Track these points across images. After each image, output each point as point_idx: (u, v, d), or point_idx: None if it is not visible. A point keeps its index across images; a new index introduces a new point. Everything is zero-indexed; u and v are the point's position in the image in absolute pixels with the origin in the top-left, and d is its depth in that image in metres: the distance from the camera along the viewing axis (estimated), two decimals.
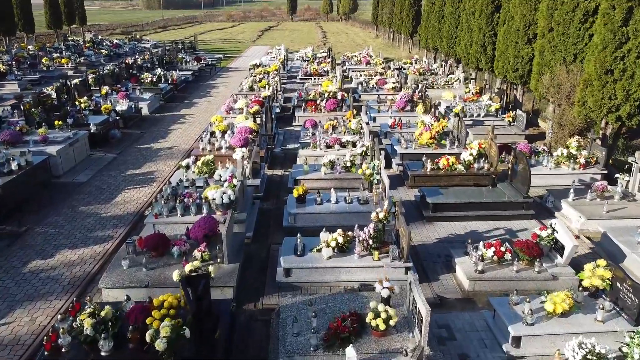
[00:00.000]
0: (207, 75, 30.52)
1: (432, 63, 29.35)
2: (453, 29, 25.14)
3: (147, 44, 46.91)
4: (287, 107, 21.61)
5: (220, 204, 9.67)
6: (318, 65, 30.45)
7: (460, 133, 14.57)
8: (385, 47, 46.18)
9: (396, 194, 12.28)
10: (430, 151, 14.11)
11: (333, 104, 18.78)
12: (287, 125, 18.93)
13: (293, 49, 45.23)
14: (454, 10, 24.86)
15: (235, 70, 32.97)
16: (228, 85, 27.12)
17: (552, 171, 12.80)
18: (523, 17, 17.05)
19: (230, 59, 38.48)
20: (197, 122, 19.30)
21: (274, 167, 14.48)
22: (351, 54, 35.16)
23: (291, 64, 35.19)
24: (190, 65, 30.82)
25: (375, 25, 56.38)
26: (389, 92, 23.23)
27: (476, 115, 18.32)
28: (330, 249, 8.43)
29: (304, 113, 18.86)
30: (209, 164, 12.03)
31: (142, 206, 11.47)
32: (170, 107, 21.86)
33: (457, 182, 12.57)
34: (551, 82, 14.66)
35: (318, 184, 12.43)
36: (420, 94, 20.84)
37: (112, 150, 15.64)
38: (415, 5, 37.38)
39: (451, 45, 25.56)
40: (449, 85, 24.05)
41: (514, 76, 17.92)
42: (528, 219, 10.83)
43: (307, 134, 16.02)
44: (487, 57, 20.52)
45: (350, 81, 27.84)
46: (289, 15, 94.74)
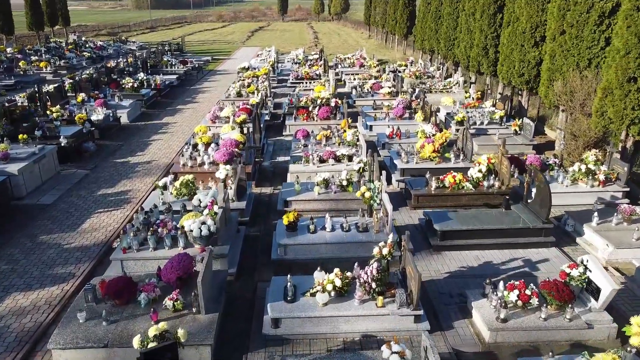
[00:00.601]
0: (193, 79, 29.13)
1: (429, 65, 28.19)
2: (451, 30, 23.97)
3: (132, 45, 45.37)
4: (277, 114, 20.32)
5: (198, 237, 8.37)
6: (310, 68, 29.18)
7: (466, 145, 13.35)
8: (378, 48, 44.99)
9: (398, 216, 11.02)
10: (433, 166, 12.88)
11: (326, 111, 17.51)
12: (277, 135, 17.63)
13: (284, 50, 43.93)
14: (452, 11, 23.69)
15: (224, 73, 31.60)
16: (215, 90, 25.76)
17: (568, 189, 11.61)
18: (530, 19, 15.88)
19: (219, 62, 37.09)
20: (180, 132, 17.94)
21: (263, 184, 13.18)
22: (344, 56, 33.93)
23: (282, 66, 33.89)
24: (175, 68, 29.42)
25: (368, 25, 55.21)
26: (384, 97, 22.01)
27: (479, 123, 17.14)
28: (326, 294, 7.16)
29: (295, 122, 17.57)
30: (188, 184, 10.71)
31: (111, 234, 10.13)
32: (152, 114, 20.47)
33: (464, 202, 11.36)
34: (563, 89, 13.48)
35: (311, 206, 11.16)
36: (419, 100, 19.63)
37: (84, 166, 14.26)
38: (410, 5, 36.21)
39: (449, 47, 24.39)
40: (447, 89, 22.87)
41: (520, 81, 16.75)
42: (548, 246, 9.62)
43: (298, 145, 14.75)
44: (489, 61, 19.34)
45: (344, 85, 26.59)
46: (279, 16, 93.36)
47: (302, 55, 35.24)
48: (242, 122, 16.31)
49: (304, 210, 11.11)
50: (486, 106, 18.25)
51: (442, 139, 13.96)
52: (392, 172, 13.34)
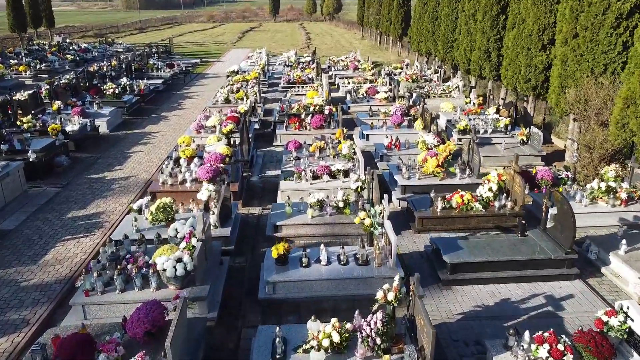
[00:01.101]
0: (180, 83, 27.87)
1: (425, 68, 27.12)
2: (450, 32, 22.91)
3: (119, 47, 43.97)
4: (267, 122, 19.15)
5: (172, 277, 7.20)
6: (302, 71, 28.02)
7: (472, 159, 12.25)
8: (372, 49, 43.92)
9: (400, 241, 9.90)
10: (437, 182, 11.78)
11: (319, 120, 16.36)
12: (267, 145, 16.47)
13: (275, 51, 42.74)
14: (450, 12, 22.62)
15: (212, 77, 30.36)
16: (203, 95, 24.54)
17: (587, 209, 10.54)
18: (537, 20, 14.82)
19: (208, 64, 35.84)
20: (163, 143, 16.71)
21: (251, 202, 12.02)
22: (337, 58, 32.81)
23: (273, 69, 32.70)
24: (162, 72, 28.15)
25: (361, 26, 54.12)
26: (381, 102, 20.92)
27: (482, 132, 16.07)
28: (322, 353, 6.01)
29: (286, 131, 16.41)
30: (165, 208, 9.52)
31: (77, 268, 8.92)
32: (134, 123, 19.22)
33: (474, 225, 10.26)
34: (577, 97, 12.42)
35: (304, 230, 10.01)
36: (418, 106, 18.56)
37: (56, 182, 13.02)
38: (405, 6, 35.14)
39: (447, 49, 23.32)
40: (446, 94, 21.80)
41: (526, 87, 15.69)
42: (571, 279, 8.53)
43: (289, 158, 13.59)
44: (492, 65, 18.28)
45: (337, 89, 25.47)
46: (271, 16, 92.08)
47: (294, 57, 34.08)
48: (229, 132, 15.13)
49: (296, 235, 9.97)
50: (489, 113, 17.19)
51: (445, 152, 12.86)
52: (392, 189, 12.21)
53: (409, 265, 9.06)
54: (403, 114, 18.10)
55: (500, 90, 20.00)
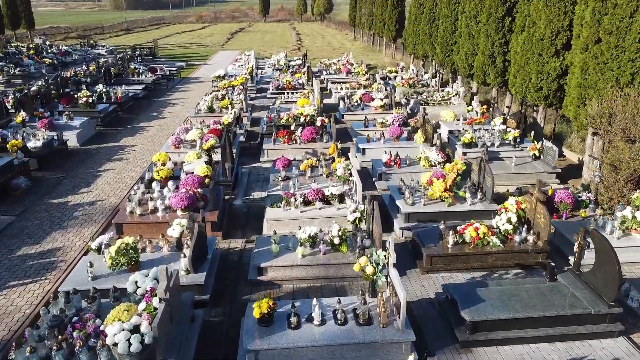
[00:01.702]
0: (163, 89, 26.25)
1: (422, 72, 25.74)
2: (449, 34, 21.52)
3: (101, 49, 42.20)
4: (254, 133, 17.64)
5: (126, 354, 5.69)
6: (292, 75, 26.54)
7: (484, 181, 10.82)
8: (364, 51, 42.52)
9: (406, 283, 8.46)
10: (445, 208, 10.35)
11: (311, 133, 14.88)
12: (253, 161, 14.97)
13: (264, 54, 41.22)
14: (449, 13, 21.23)
15: (198, 81, 28.78)
16: (186, 102, 22.97)
17: (620, 242, 9.15)
18: (549, 23, 13.46)
19: (194, 68, 34.23)
20: (138, 159, 15.15)
21: (233, 233, 10.52)
22: (329, 61, 31.36)
23: (262, 72, 31.20)
24: (143, 77, 26.51)
25: (353, 27, 52.72)
26: (377, 110, 19.49)
27: (489, 145, 14.68)
28: None
29: (274, 145, 14.90)
30: (128, 250, 8.00)
31: (18, 329, 7.38)
32: (108, 135, 17.63)
33: (491, 263, 8.84)
34: (600, 110, 11.05)
35: (293, 273, 8.53)
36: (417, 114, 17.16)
37: (10, 209, 11.44)
38: (399, 6, 33.76)
39: (446, 53, 21.94)
40: (446, 101, 20.41)
41: (537, 96, 14.31)
42: (614, 336, 7.12)
43: (277, 178, 12.13)
44: (497, 71, 16.91)
45: (330, 95, 24.02)
46: (261, 16, 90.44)
47: (284, 60, 32.58)
48: (211, 148, 13.61)
49: (284, 279, 8.49)
50: (495, 124, 15.80)
51: (453, 172, 11.45)
52: (394, 216, 10.76)
53: (418, 316, 7.61)
54: (401, 124, 16.70)
55: (504, 97, 18.65)
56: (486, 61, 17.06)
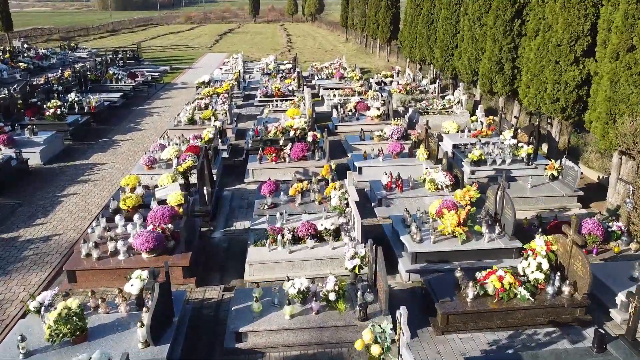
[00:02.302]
0: (143, 96, 24.53)
1: (419, 77, 24.24)
2: (449, 37, 20.03)
3: (82, 52, 40.32)
4: (239, 148, 16.02)
5: None
6: (281, 81, 24.95)
7: (504, 213, 9.29)
8: (357, 53, 41.00)
9: (417, 351, 6.90)
10: (458, 246, 8.82)
11: (301, 149, 13.30)
12: (237, 181, 13.37)
13: (253, 56, 39.58)
14: (450, 15, 19.74)
15: (182, 87, 27.09)
16: (167, 111, 21.32)
17: None
18: (568, 27, 11.99)
19: (178, 72, 32.51)
20: (107, 180, 13.50)
21: (209, 277, 8.92)
22: (320, 65, 29.78)
23: (250, 77, 29.58)
24: (122, 83, 24.77)
25: (345, 28, 51.18)
26: (373, 120, 17.97)
27: (499, 162, 13.20)
28: None
29: (260, 164, 13.31)
30: (70, 317, 6.37)
31: None
32: (77, 151, 15.94)
33: (519, 321, 7.31)
34: (633, 128, 9.58)
35: (280, 338, 6.95)
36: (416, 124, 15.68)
37: None
38: (393, 7, 32.25)
39: (447, 58, 20.45)
40: (447, 110, 18.93)
41: (553, 108, 12.85)
42: None
43: (263, 205, 10.57)
44: (506, 78, 15.42)
45: (322, 102, 22.46)
46: (251, 17, 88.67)
47: (274, 64, 30.98)
48: (188, 169, 11.99)
49: (268, 346, 6.92)
50: (505, 137, 14.31)
51: (465, 199, 9.94)
52: (398, 254, 9.21)
53: None
54: (401, 137, 15.20)
55: (512, 107, 17.19)
56: (493, 68, 15.57)
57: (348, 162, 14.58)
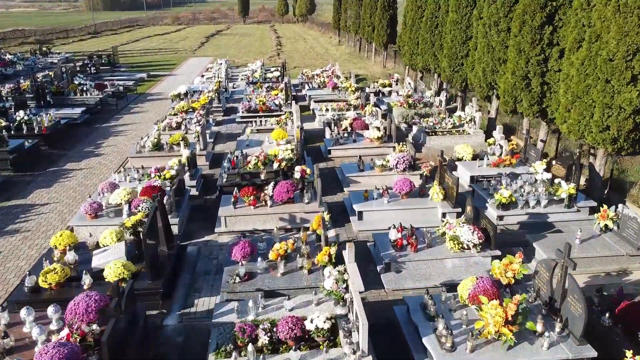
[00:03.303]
0: (111, 110, 21.73)
1: (422, 87, 21.64)
2: (458, 45, 17.43)
3: (55, 57, 37.33)
4: (213, 180, 13.30)
5: None
6: (268, 91, 22.29)
7: (569, 305, 6.63)
8: (351, 58, 38.38)
9: None
10: (506, 354, 6.18)
11: (287, 190, 10.61)
12: (207, 228, 10.68)
13: (240, 61, 36.88)
14: (460, 19, 17.14)
15: (157, 98, 24.30)
16: (135, 130, 18.58)
17: None
18: (623, 38, 9.42)
19: (156, 80, 29.69)
20: (41, 231, 10.74)
21: None
22: (312, 72, 27.10)
23: (234, 86, 26.88)
24: (88, 95, 21.92)
25: (337, 30, 48.51)
26: (372, 142, 15.36)
27: (532, 205, 10.63)
28: None
29: (235, 209, 10.60)
30: None
31: None
32: (16, 186, 13.16)
33: None
34: None
35: None
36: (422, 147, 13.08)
37: None
38: (390, 9, 29.62)
39: (455, 68, 17.85)
40: (458, 129, 16.34)
41: (601, 138, 10.26)
42: None
43: (234, 277, 7.93)
44: (533, 97, 12.84)
45: (313, 117, 19.79)
46: (241, 17, 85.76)
47: (260, 70, 28.30)
48: (138, 223, 9.28)
49: None
50: (536, 170, 11.74)
51: (507, 276, 7.32)
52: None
53: None
54: (408, 167, 12.61)
55: (538, 128, 14.65)
56: (518, 84, 12.97)
57: (345, 200, 11.95)
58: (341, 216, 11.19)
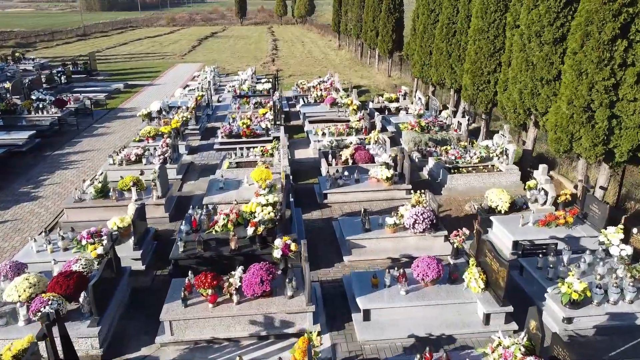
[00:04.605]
0: (70, 132, 18.46)
1: (436, 105, 18.40)
2: (485, 58, 14.17)
3: (28, 64, 34.05)
4: (170, 238, 9.99)
5: None
6: (255, 109, 19.06)
7: None
8: (352, 64, 35.12)
9: None
10: None
11: (260, 279, 7.31)
12: (149, 333, 7.40)
13: (231, 68, 33.66)
14: (487, 26, 13.89)
15: (129, 115, 21.02)
16: (94, 159, 15.35)
17: None
18: None
19: (133, 91, 26.41)
20: None
21: None
22: (308, 84, 23.82)
23: (219, 99, 23.68)
24: (44, 114, 18.65)
25: (337, 33, 45.22)
26: (380, 184, 12.15)
27: (613, 300, 7.38)
28: None
29: (185, 308, 7.31)
30: None
31: None
32: None
33: None
34: None
35: None
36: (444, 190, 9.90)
37: None
38: (396, 12, 26.33)
39: (481, 86, 14.60)
40: (487, 165, 13.11)
41: None
42: None
43: None
44: (597, 134, 9.57)
45: (307, 142, 16.53)
46: (238, 18, 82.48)
47: (250, 81, 25.08)
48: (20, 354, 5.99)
49: None
50: (608, 240, 8.49)
51: None
52: None
53: None
54: (430, 227, 9.41)
55: (596, 169, 11.41)
56: (577, 116, 9.70)
57: (344, 280, 8.69)
58: (340, 308, 7.97)
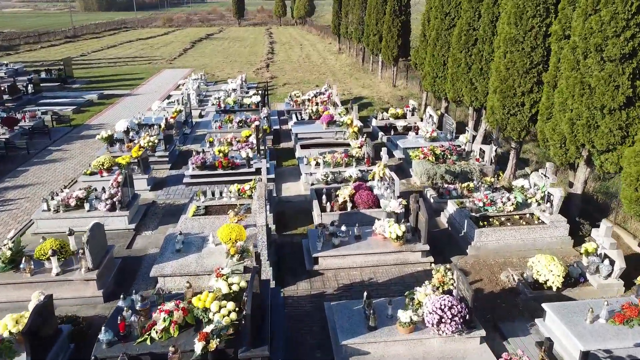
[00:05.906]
0: (17, 157, 15.56)
1: (450, 125, 15.53)
2: (519, 75, 11.26)
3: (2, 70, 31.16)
4: (99, 330, 7.11)
5: None
6: (239, 128, 16.23)
7: None
8: (352, 71, 32.23)
9: None
10: None
11: None
12: None
13: (221, 74, 30.82)
14: (521, 35, 10.98)
15: (94, 134, 18.05)
16: (35, 195, 12.53)
17: None
18: None
19: (107, 103, 23.54)
20: None
21: None
22: (302, 97, 20.94)
23: (202, 113, 20.88)
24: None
25: (337, 36, 42.32)
26: (386, 242, 9.32)
27: None
28: None
29: None
30: None
31: None
32: None
33: None
34: None
35: None
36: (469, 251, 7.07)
37: None
38: (402, 14, 23.40)
39: (513, 110, 11.69)
40: (524, 214, 10.22)
41: None
42: None
43: None
44: None
45: (298, 173, 13.65)
46: (236, 19, 79.60)
47: (239, 91, 22.27)
48: None
49: None
50: None
51: None
52: None
53: None
54: (461, 324, 6.54)
55: None
56: None
57: None
58: None
